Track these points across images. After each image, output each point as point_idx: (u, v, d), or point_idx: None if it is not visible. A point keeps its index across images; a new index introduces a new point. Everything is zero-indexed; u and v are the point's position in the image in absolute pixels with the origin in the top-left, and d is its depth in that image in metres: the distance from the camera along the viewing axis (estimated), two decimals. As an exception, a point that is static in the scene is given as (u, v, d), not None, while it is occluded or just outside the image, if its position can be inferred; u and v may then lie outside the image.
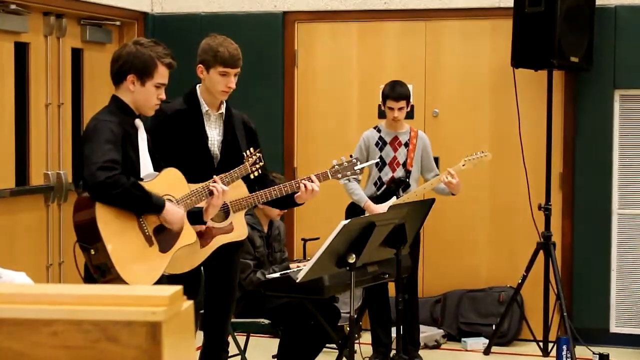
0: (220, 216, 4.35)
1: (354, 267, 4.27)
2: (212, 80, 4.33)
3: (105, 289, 1.71)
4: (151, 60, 3.84)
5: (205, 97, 4.38)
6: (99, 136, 3.67)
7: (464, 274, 6.82)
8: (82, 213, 3.64)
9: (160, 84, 3.87)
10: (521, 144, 6.31)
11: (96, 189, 3.58)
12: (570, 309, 6.41)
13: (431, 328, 6.64)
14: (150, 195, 3.70)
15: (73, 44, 6.54)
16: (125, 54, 3.85)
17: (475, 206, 6.77)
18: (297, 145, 7.10)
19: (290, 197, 4.43)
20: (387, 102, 5.85)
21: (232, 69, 4.32)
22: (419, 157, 5.92)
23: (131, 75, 3.83)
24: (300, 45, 7.08)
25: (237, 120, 4.48)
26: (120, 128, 3.74)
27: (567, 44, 6.06)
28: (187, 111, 4.37)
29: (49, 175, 6.26)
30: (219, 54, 4.30)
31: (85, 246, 3.62)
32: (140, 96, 3.85)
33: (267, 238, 5.50)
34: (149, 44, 3.88)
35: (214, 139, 4.39)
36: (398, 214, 4.54)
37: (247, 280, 5.26)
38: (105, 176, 3.55)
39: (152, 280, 3.76)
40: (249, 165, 4.25)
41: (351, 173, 4.51)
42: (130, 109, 3.86)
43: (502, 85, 6.62)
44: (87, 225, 3.61)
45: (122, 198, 3.61)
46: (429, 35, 6.85)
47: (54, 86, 6.31)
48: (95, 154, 3.62)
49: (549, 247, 6.12)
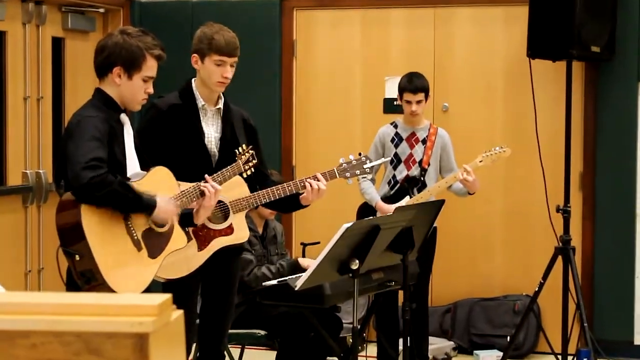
0: (219, 217, 4.35)
1: (357, 273, 4.26)
2: (207, 71, 4.33)
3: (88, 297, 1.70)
4: (139, 51, 3.82)
5: (201, 91, 4.39)
6: (83, 133, 3.66)
7: (475, 282, 6.82)
8: (66, 216, 3.63)
9: (149, 77, 3.86)
10: (538, 141, 6.30)
11: (81, 190, 3.57)
12: (591, 319, 6.40)
13: (441, 340, 6.64)
14: (140, 194, 3.70)
15: (53, 33, 6.54)
16: (112, 44, 3.84)
17: (488, 208, 6.77)
18: (296, 142, 7.10)
19: (294, 199, 4.43)
20: (404, 96, 5.86)
21: (229, 58, 4.32)
22: (437, 155, 5.93)
23: (117, 68, 3.82)
24: (299, 34, 7.08)
25: (236, 116, 4.49)
26: (105, 124, 3.73)
27: (587, 32, 6.05)
28: (182, 106, 4.37)
29: (28, 174, 6.26)
30: (214, 42, 4.30)
31: (69, 251, 3.61)
32: (127, 90, 3.84)
33: (262, 239, 5.50)
34: (136, 34, 3.87)
35: (211, 135, 4.39)
36: (405, 216, 4.53)
37: (250, 276, 5.24)
38: (90, 176, 3.54)
39: (141, 288, 3.76)
40: (242, 163, 4.24)
41: (360, 172, 4.51)
42: (115, 104, 3.85)
43: (517, 78, 6.61)
44: (72, 229, 3.60)
45: (109, 199, 3.60)
46: (438, 24, 6.85)
47: (33, 78, 6.31)
48: (79, 152, 3.61)
49: (568, 252, 6.11)
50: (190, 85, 4.41)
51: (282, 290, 4.97)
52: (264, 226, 5.56)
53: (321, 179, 4.40)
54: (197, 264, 4.28)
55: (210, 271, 4.37)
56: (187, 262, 4.24)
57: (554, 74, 6.44)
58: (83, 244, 3.57)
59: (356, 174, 4.51)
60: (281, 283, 5.05)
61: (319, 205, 6.93)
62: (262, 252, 5.46)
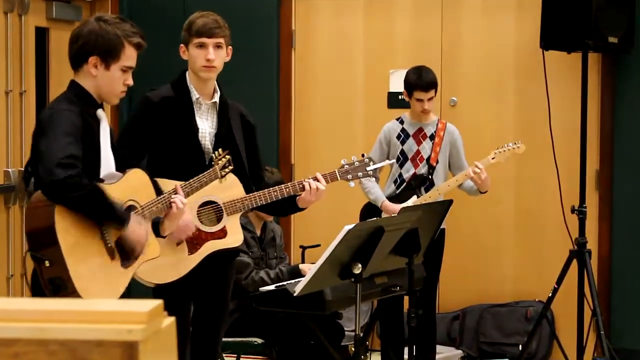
0: (212, 220, 4.34)
1: (360, 278, 4.26)
2: (191, 57, 4.37)
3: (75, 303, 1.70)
4: (117, 39, 3.76)
5: (195, 83, 4.40)
6: (56, 128, 3.60)
7: (485, 287, 6.82)
8: (38, 217, 3.57)
9: (127, 68, 3.80)
10: (552, 138, 6.30)
11: (53, 187, 3.51)
12: (608, 327, 6.41)
13: (448, 348, 6.65)
14: (114, 205, 3.64)
15: (37, 23, 6.54)
16: (87, 32, 3.77)
17: (499, 208, 6.77)
18: (295, 139, 7.10)
19: (291, 201, 4.43)
20: (414, 93, 5.84)
21: (209, 39, 4.34)
22: (446, 152, 5.92)
23: (94, 58, 3.75)
24: (297, 24, 7.08)
25: (233, 111, 4.49)
26: (80, 119, 3.67)
27: (605, 22, 6.05)
28: (175, 99, 4.37)
29: (10, 173, 6.26)
30: (194, 25, 4.36)
31: (39, 256, 3.55)
32: (104, 81, 3.77)
33: (260, 241, 5.51)
34: (114, 21, 3.80)
35: (205, 131, 4.39)
36: (410, 218, 4.53)
37: (247, 281, 5.25)
38: (65, 175, 3.48)
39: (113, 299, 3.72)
40: (219, 169, 4.21)
41: (363, 174, 4.51)
42: (91, 97, 3.79)
43: (529, 70, 6.61)
44: (43, 233, 3.54)
45: (81, 202, 3.54)
46: (445, 13, 6.85)
47: (15, 71, 6.31)
48: (52, 148, 3.54)
49: (584, 255, 6.11)
50: (184, 77, 4.42)
51: (280, 296, 4.97)
52: (262, 228, 5.57)
53: (321, 180, 4.40)
54: (187, 269, 4.27)
55: (203, 275, 4.37)
56: (177, 267, 4.23)
57: (568, 66, 6.44)
58: (54, 249, 3.51)
59: (358, 177, 4.51)
60: (279, 288, 5.05)
61: (320, 206, 6.93)
62: (260, 255, 5.47)
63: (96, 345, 1.58)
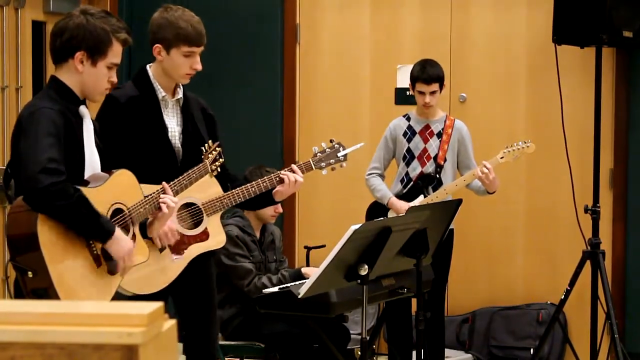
0: (193, 222, 4.33)
1: (367, 280, 4.27)
2: (173, 63, 4.27)
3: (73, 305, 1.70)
4: (105, 35, 3.71)
5: (160, 80, 4.33)
6: (37, 128, 3.55)
7: (495, 289, 6.82)
8: (19, 224, 3.51)
9: (114, 64, 3.76)
10: (564, 135, 6.30)
11: (37, 195, 3.44)
12: (622, 331, 6.40)
13: (458, 352, 6.65)
14: (99, 217, 3.58)
15: (34, 16, 6.54)
16: (73, 25, 3.71)
17: (510, 208, 6.77)
18: (299, 136, 7.10)
19: (267, 195, 4.43)
20: (416, 86, 5.84)
21: (198, 48, 4.28)
22: (454, 150, 5.91)
23: (80, 53, 3.70)
24: (302, 18, 7.08)
25: (194, 106, 4.45)
26: (62, 117, 3.62)
27: (619, 16, 6.04)
28: (140, 98, 4.31)
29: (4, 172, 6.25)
30: (182, 31, 4.24)
31: (22, 267, 3.49)
32: (90, 78, 3.73)
33: (260, 244, 5.50)
34: (100, 15, 3.75)
35: (173, 129, 4.35)
36: (418, 217, 4.53)
37: (250, 287, 5.25)
38: (50, 182, 3.43)
39: None
40: (209, 163, 4.19)
41: (335, 161, 4.55)
42: (73, 94, 3.73)
43: (541, 66, 6.60)
44: (26, 242, 3.48)
45: (65, 212, 3.49)
46: (455, 7, 6.84)
47: (11, 66, 6.31)
48: (35, 152, 3.49)
49: (597, 256, 6.11)
50: (146, 74, 4.34)
51: (283, 298, 4.97)
52: (262, 230, 5.56)
53: (297, 171, 4.42)
54: (174, 275, 4.26)
55: (185, 278, 4.32)
56: (164, 274, 4.21)
57: (582, 61, 6.43)
58: (38, 257, 3.45)
59: (330, 164, 4.54)
60: (283, 290, 5.05)
61: (325, 206, 6.95)
62: (261, 259, 5.46)
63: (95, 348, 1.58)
